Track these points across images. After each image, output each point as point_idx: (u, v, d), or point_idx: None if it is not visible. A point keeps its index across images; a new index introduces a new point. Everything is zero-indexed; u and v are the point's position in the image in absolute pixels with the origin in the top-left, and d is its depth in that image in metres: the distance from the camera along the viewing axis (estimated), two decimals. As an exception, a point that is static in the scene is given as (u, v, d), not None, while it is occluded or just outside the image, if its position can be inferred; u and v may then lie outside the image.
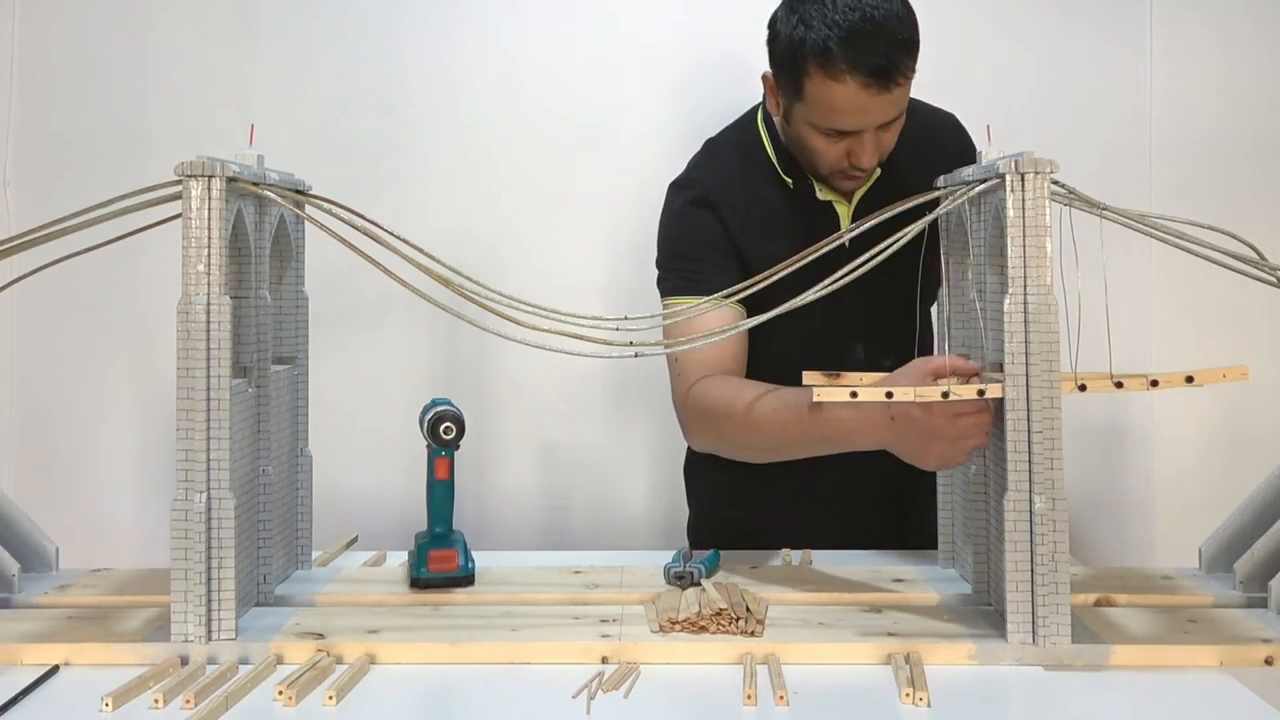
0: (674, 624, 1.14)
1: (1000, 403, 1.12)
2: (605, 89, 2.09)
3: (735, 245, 1.50)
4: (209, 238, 1.10)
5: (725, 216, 1.51)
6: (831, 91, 1.36)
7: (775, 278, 1.19)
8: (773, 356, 1.45)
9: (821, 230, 1.38)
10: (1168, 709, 1.01)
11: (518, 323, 1.13)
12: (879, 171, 1.50)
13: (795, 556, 1.46)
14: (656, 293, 1.56)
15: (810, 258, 1.19)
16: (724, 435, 1.45)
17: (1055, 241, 1.11)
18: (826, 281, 1.14)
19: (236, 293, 1.21)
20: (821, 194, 1.52)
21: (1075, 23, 2.06)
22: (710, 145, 1.62)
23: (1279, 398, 1.97)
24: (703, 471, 1.75)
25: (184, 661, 1.09)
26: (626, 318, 1.18)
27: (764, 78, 1.49)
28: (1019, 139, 1.24)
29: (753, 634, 1.12)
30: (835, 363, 1.34)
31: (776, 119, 1.53)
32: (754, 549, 1.47)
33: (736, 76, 2.05)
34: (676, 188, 1.58)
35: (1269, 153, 2.05)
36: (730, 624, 1.14)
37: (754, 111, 1.60)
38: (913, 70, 1.38)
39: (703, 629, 1.14)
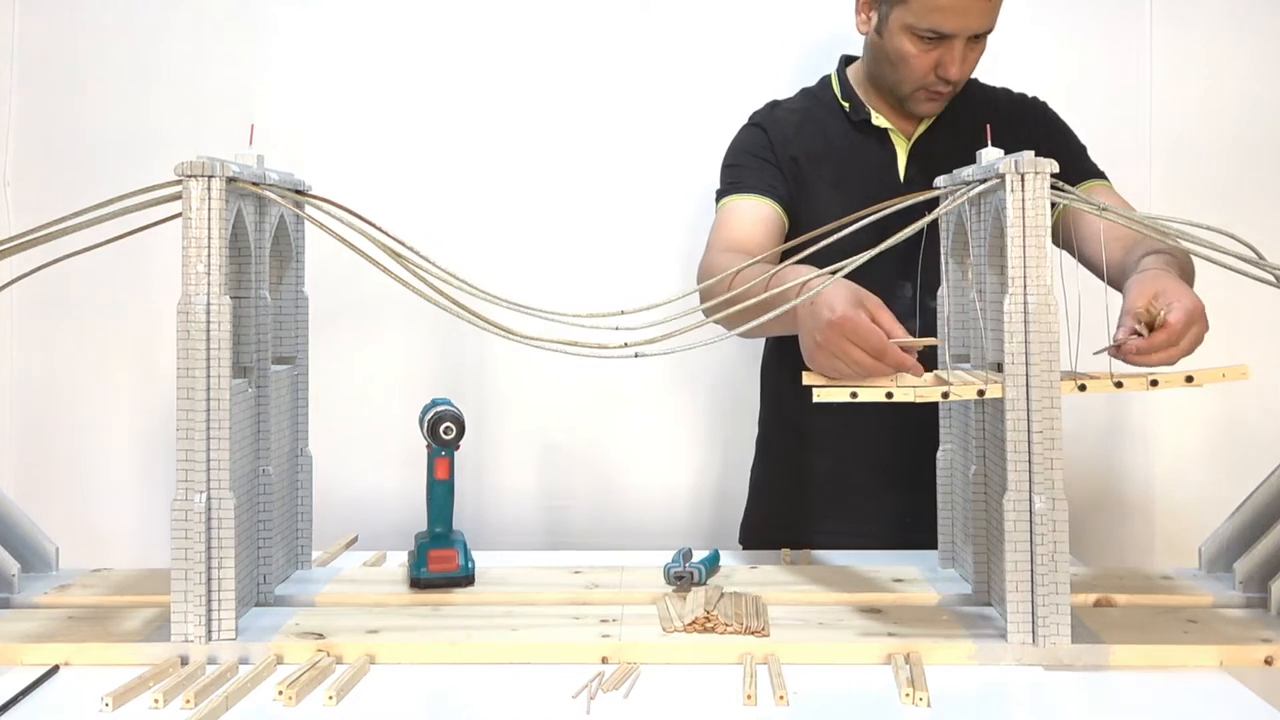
0: (680, 624, 1.15)
1: (1001, 402, 1.12)
2: (605, 89, 2.09)
3: (782, 159, 1.61)
4: (209, 238, 1.10)
5: (774, 136, 1.63)
6: None
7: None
8: None
9: (875, 153, 1.55)
10: (1167, 709, 1.01)
11: (512, 332, 1.13)
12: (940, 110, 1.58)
13: (795, 556, 1.46)
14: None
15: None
16: (713, 293, 1.32)
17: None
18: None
19: (236, 293, 1.21)
20: (878, 120, 1.61)
21: (1075, 23, 2.06)
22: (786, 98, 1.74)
23: (1279, 398, 1.97)
24: (766, 468, 1.81)
25: (184, 661, 1.09)
26: (623, 312, 1.18)
27: None
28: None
29: (756, 633, 1.12)
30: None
31: (866, 34, 1.59)
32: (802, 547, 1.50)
33: (734, 76, 2.05)
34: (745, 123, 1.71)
35: (1269, 153, 2.05)
36: (733, 624, 1.14)
37: (829, 75, 1.71)
38: None
39: (708, 629, 1.14)
